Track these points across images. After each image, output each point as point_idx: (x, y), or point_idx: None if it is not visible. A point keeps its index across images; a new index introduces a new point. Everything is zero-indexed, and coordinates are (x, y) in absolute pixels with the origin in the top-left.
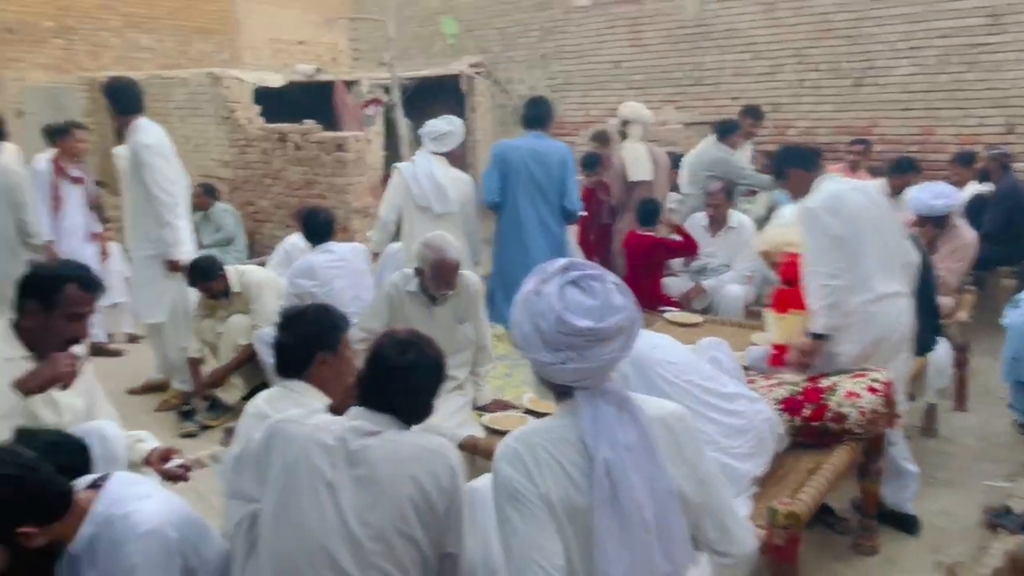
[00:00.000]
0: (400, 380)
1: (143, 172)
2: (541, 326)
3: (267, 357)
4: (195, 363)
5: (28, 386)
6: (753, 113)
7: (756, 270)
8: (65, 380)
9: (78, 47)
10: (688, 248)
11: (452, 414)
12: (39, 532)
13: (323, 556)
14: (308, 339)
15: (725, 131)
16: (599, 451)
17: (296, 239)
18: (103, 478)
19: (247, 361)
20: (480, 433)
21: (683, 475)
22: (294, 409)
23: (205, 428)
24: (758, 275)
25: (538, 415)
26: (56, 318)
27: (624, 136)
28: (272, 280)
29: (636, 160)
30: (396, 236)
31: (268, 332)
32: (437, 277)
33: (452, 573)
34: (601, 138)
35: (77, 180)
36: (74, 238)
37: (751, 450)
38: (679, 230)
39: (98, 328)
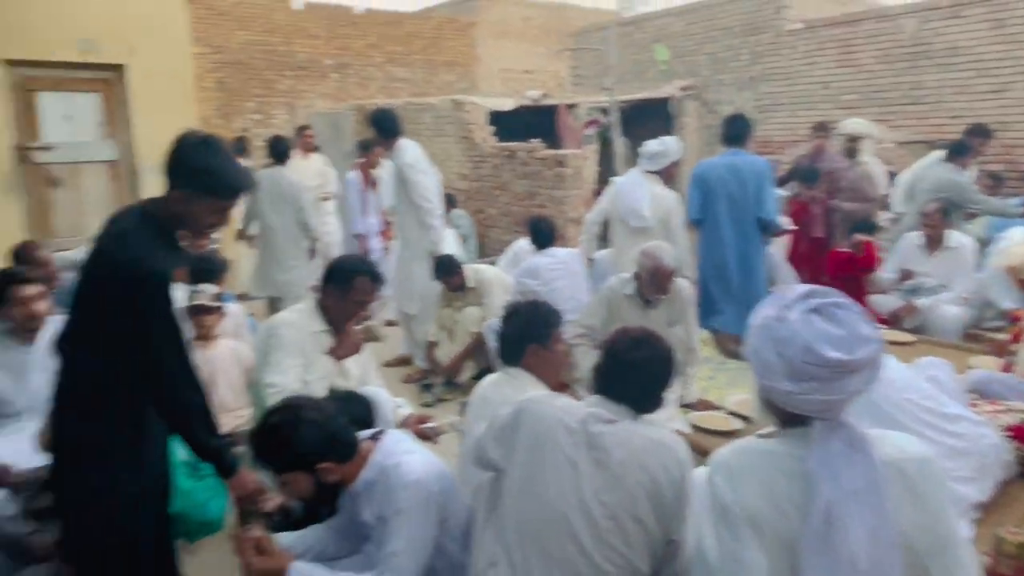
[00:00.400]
0: (634, 374)
1: (407, 187)
2: (786, 355)
3: (493, 345)
4: (431, 345)
5: (340, 354)
6: (982, 132)
7: (975, 292)
8: (359, 350)
9: (351, 80)
10: (866, 264)
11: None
12: (334, 469)
13: (562, 525)
14: (522, 332)
15: (957, 152)
16: (822, 493)
17: (523, 243)
18: (380, 433)
19: (478, 348)
20: (686, 429)
21: (914, 525)
22: (509, 392)
23: (440, 401)
24: (977, 297)
25: (744, 418)
26: (348, 302)
27: (851, 152)
28: (501, 278)
29: (877, 175)
30: (605, 243)
31: (496, 323)
32: (653, 282)
33: (674, 557)
34: (821, 128)
35: (374, 186)
36: (372, 234)
37: (973, 474)
38: (866, 246)
39: None
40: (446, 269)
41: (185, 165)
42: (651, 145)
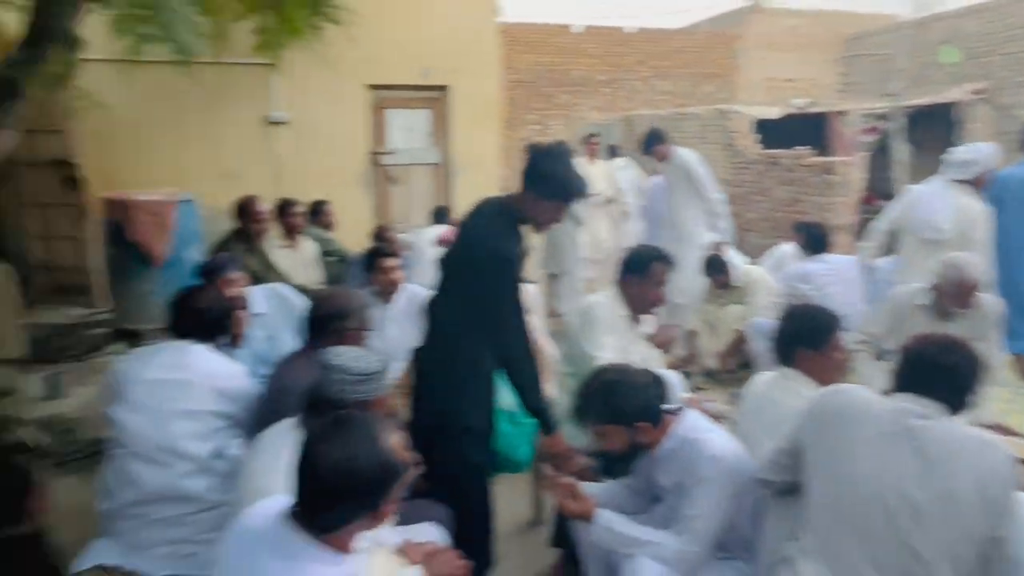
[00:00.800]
0: (942, 375)
1: (695, 183)
2: None
3: (753, 343)
4: (692, 335)
5: (657, 341)
6: None
7: None
8: (671, 341)
9: (619, 93)
10: None
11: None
12: (648, 430)
13: (878, 506)
14: (795, 335)
15: None
16: None
17: (787, 248)
18: (678, 409)
19: (740, 345)
20: None
21: None
22: (781, 392)
23: (698, 390)
24: None
25: None
26: (646, 286)
27: None
28: (766, 280)
29: None
30: (888, 251)
31: (760, 322)
32: (954, 295)
33: (1000, 553)
34: None
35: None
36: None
37: None
38: None
39: None
40: (716, 267)
41: (536, 171)
42: (959, 152)
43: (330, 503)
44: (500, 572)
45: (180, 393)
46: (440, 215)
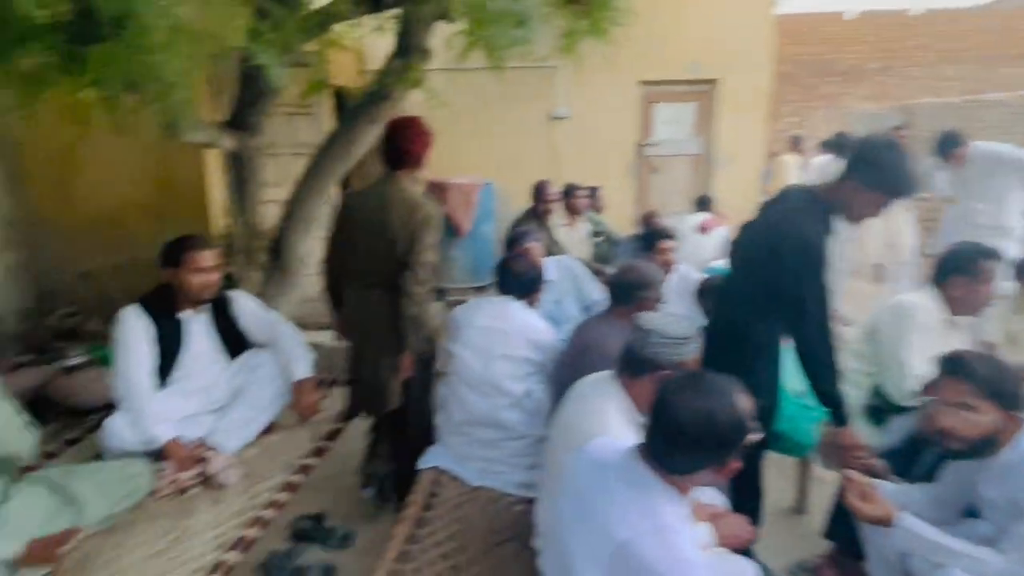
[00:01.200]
0: None
1: (1013, 167)
2: None
3: None
4: (988, 346)
5: None
6: None
7: None
8: None
9: (889, 81)
10: None
11: None
12: (1016, 423)
13: None
14: None
15: None
16: None
17: None
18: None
19: None
20: None
21: None
22: None
23: None
24: None
25: None
26: (974, 286)
27: None
28: None
29: None
30: None
31: None
32: None
33: None
34: None
35: None
36: None
37: None
38: None
39: None
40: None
41: (866, 159)
42: None
43: (685, 449)
44: (759, 552)
45: (501, 339)
46: (703, 203)
